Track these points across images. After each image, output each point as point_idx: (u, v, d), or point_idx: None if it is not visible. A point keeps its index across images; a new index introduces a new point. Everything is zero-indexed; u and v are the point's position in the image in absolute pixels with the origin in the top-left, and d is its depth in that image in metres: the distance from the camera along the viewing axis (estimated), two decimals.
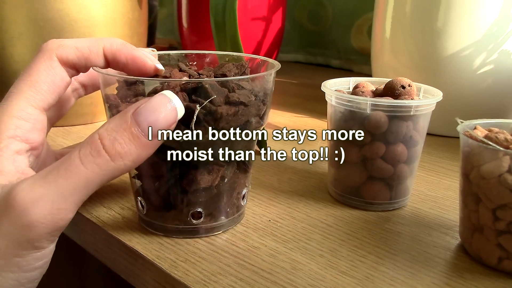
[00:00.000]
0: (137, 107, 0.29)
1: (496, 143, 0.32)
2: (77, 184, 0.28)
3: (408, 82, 0.40)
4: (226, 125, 0.32)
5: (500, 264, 0.33)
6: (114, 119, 0.29)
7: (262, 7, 0.89)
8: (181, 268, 0.33)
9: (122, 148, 0.28)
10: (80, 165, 0.28)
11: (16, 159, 0.30)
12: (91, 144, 0.28)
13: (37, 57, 0.32)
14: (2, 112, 0.31)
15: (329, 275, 0.32)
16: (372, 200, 0.41)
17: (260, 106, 0.35)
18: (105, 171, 0.28)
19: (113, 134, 0.29)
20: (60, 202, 0.27)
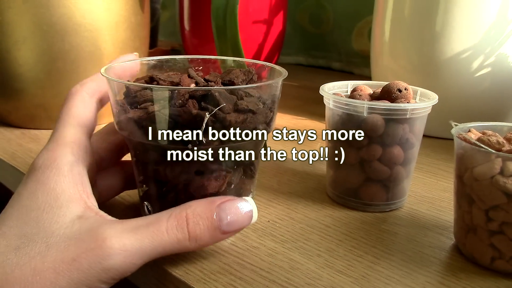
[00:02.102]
0: (223, 202, 0.32)
1: (489, 145, 0.32)
2: (156, 249, 0.30)
3: (405, 86, 0.41)
4: (236, 134, 0.33)
5: (493, 264, 0.34)
6: (201, 203, 0.32)
7: (263, 10, 0.89)
8: (182, 267, 0.34)
9: (200, 232, 0.31)
10: (165, 234, 0.30)
11: (83, 182, 0.32)
12: (178, 220, 0.31)
13: (70, 97, 0.36)
14: (55, 140, 0.33)
15: (326, 274, 0.33)
16: (370, 201, 0.42)
17: (267, 114, 0.35)
18: (180, 246, 0.31)
19: (197, 219, 0.31)
20: (138, 259, 0.29)
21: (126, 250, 0.28)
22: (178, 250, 0.31)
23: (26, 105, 0.60)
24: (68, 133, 0.33)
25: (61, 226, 0.29)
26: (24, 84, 0.58)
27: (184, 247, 0.31)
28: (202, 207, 0.32)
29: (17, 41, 0.56)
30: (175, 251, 0.31)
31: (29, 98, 0.59)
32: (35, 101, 0.59)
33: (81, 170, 0.32)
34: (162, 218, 0.30)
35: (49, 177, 0.31)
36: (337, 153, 0.41)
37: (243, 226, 0.33)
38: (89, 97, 0.36)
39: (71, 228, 0.29)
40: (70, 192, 0.31)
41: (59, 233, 0.29)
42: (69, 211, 0.30)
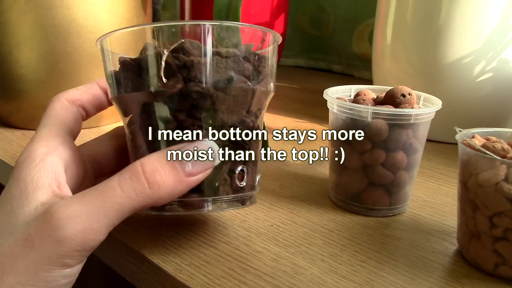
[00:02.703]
0: (181, 146, 0.31)
1: (493, 152, 0.32)
2: (111, 207, 0.29)
3: (409, 91, 0.41)
4: (200, 76, 0.31)
5: (497, 270, 0.34)
6: (157, 153, 0.31)
7: (265, 13, 0.89)
8: (186, 271, 0.33)
9: (161, 178, 0.30)
10: (117, 188, 0.29)
11: (55, 171, 0.32)
12: (131, 170, 0.30)
13: (49, 104, 0.36)
14: (32, 139, 0.33)
15: (330, 279, 0.33)
16: (372, 206, 0.42)
17: (244, 64, 0.33)
18: (140, 197, 0.29)
19: (155, 164, 0.30)
20: (93, 223, 0.28)
21: (74, 216, 0.28)
22: (141, 203, 0.29)
23: (28, 106, 0.59)
24: (44, 130, 0.34)
25: (26, 214, 0.29)
26: (26, 85, 0.58)
27: (146, 198, 0.29)
28: (157, 155, 0.31)
29: (19, 42, 0.56)
30: (138, 206, 0.29)
31: (30, 99, 0.59)
32: (36, 102, 0.59)
33: (54, 160, 0.32)
34: (113, 177, 0.30)
35: (22, 169, 0.31)
36: (337, 153, 0.41)
37: (207, 168, 0.31)
38: (68, 102, 0.36)
39: (34, 215, 0.29)
40: (39, 181, 0.31)
41: (23, 221, 0.29)
42: (35, 199, 0.30)
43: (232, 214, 0.41)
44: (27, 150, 0.33)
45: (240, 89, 0.33)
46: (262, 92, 0.35)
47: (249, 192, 0.35)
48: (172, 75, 0.31)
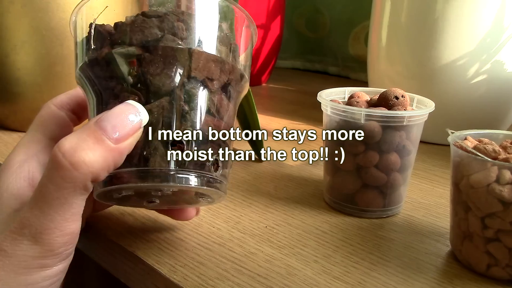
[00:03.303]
0: (100, 116, 0.29)
1: (485, 154, 0.33)
2: (55, 204, 0.27)
3: (402, 93, 0.42)
4: (124, 37, 0.30)
5: (489, 271, 0.34)
6: (76, 132, 0.28)
7: (261, 15, 0.90)
8: (180, 273, 0.34)
9: (86, 154, 0.27)
10: (48, 183, 0.27)
11: (32, 177, 0.32)
12: (52, 157, 0.27)
13: (39, 112, 0.36)
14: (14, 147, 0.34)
15: (323, 280, 0.33)
16: (366, 208, 0.42)
17: (174, 22, 0.31)
18: (71, 182, 0.27)
19: (74, 142, 0.27)
20: (49, 224, 0.28)
21: (30, 224, 0.27)
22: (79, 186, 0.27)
23: (24, 109, 0.60)
24: (26, 138, 0.34)
25: (1, 223, 0.29)
26: (22, 88, 0.58)
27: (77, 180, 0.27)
28: (77, 132, 0.28)
29: (15, 45, 0.56)
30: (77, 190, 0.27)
31: (27, 102, 0.59)
32: (33, 105, 0.59)
33: (32, 166, 0.32)
34: (44, 172, 0.28)
35: (1, 178, 0.31)
36: (337, 153, 0.41)
37: (135, 128, 0.28)
38: (56, 108, 0.35)
39: (8, 223, 0.29)
40: (13, 188, 0.31)
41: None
42: (8, 206, 0.30)
43: (227, 216, 0.42)
44: (7, 158, 0.33)
45: (169, 49, 0.30)
46: (205, 57, 0.31)
47: (195, 171, 0.30)
48: (102, 41, 0.31)
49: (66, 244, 0.29)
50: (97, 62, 0.31)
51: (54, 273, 0.29)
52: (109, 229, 0.39)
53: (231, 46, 0.34)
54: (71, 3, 0.56)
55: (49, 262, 0.29)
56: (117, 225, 0.40)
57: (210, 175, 0.31)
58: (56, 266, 0.29)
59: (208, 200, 0.34)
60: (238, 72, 0.34)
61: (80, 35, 0.33)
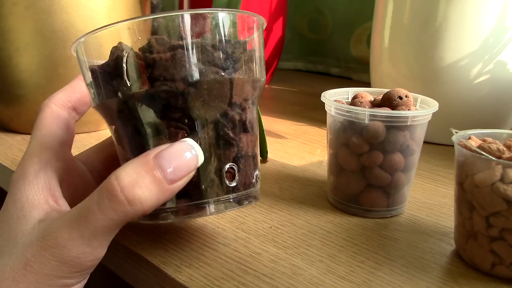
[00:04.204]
0: (159, 151, 0.29)
1: (489, 153, 0.33)
2: (97, 230, 0.28)
3: (406, 93, 0.42)
4: (165, 73, 0.29)
5: (493, 270, 0.34)
6: (133, 161, 0.28)
7: (263, 16, 0.90)
8: (186, 273, 0.34)
9: (142, 192, 0.27)
10: (98, 211, 0.27)
11: (50, 186, 0.32)
12: (108, 188, 0.27)
13: (39, 113, 0.35)
14: (24, 155, 0.33)
15: (328, 280, 0.33)
16: (370, 208, 0.42)
17: (214, 53, 0.30)
18: (123, 216, 0.28)
19: (133, 177, 0.27)
20: (85, 247, 0.28)
21: (65, 245, 0.28)
22: (126, 219, 0.28)
23: (28, 111, 0.60)
24: (36, 144, 0.33)
25: (24, 234, 0.29)
26: (26, 90, 0.58)
27: (128, 215, 0.28)
28: (135, 164, 0.28)
29: (18, 47, 0.56)
30: (123, 222, 0.28)
31: (30, 104, 0.59)
32: (36, 107, 0.58)
33: (48, 176, 0.32)
34: (92, 197, 0.28)
35: (17, 188, 0.31)
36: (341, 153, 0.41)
37: (190, 169, 0.29)
38: (58, 108, 0.35)
39: (31, 234, 0.29)
40: (34, 199, 0.31)
41: (21, 241, 0.29)
42: (32, 217, 0.30)
43: (231, 217, 0.42)
44: (20, 166, 0.33)
45: (213, 81, 0.30)
46: (244, 81, 0.32)
47: (244, 191, 0.33)
48: (138, 77, 0.29)
49: (94, 266, 0.30)
50: (134, 98, 0.30)
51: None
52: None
53: (256, 59, 0.34)
54: (74, 5, 0.56)
55: (73, 282, 0.29)
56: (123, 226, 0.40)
57: (256, 189, 0.34)
58: (78, 284, 0.30)
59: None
60: (263, 82, 0.35)
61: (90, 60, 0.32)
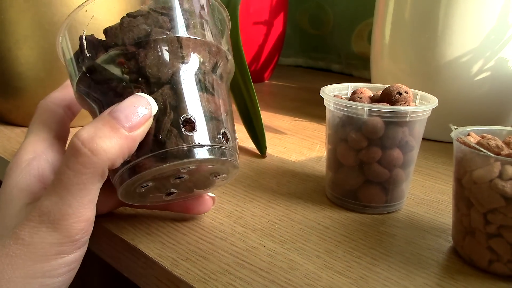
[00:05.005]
0: (112, 107, 0.30)
1: (488, 149, 0.33)
2: (74, 190, 0.29)
3: (405, 89, 0.42)
4: (116, 39, 0.32)
5: (491, 266, 0.34)
6: (91, 123, 0.30)
7: (264, 11, 0.90)
8: (182, 266, 0.34)
9: (103, 142, 0.29)
10: (67, 170, 0.28)
11: (43, 175, 0.33)
12: (71, 146, 0.29)
13: (36, 111, 0.36)
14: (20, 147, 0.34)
15: (325, 275, 0.33)
16: (368, 203, 0.42)
17: (159, 17, 0.33)
18: (90, 168, 0.28)
19: (92, 131, 0.29)
20: (67, 209, 0.29)
21: (49, 210, 0.29)
22: (97, 172, 0.29)
23: (27, 103, 0.60)
24: (30, 137, 0.35)
25: (12, 217, 0.30)
26: (25, 83, 0.58)
27: (99, 165, 0.29)
28: (92, 122, 0.30)
29: (18, 40, 0.56)
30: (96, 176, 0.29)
31: (29, 97, 0.59)
32: (35, 100, 0.58)
33: (41, 165, 0.33)
34: (62, 161, 0.29)
35: (9, 176, 0.32)
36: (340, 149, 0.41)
37: (145, 117, 0.30)
38: (54, 105, 0.36)
39: (19, 216, 0.30)
40: (23, 184, 0.32)
41: (10, 223, 0.30)
42: (20, 201, 0.31)
43: (229, 211, 0.42)
44: (15, 157, 0.33)
45: (160, 40, 0.32)
46: (193, 42, 0.33)
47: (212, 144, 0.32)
48: (96, 48, 0.32)
49: (82, 231, 0.30)
50: (94, 69, 0.33)
51: (70, 260, 0.30)
52: (111, 223, 0.39)
53: (212, 30, 0.36)
54: None
55: (66, 249, 0.30)
56: (119, 219, 0.40)
57: (223, 147, 0.33)
58: (72, 254, 0.30)
59: (223, 177, 0.36)
60: (223, 53, 0.36)
61: (69, 53, 0.35)
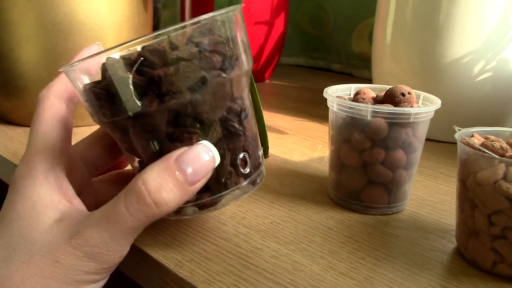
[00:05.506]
0: (179, 154, 0.30)
1: (492, 151, 0.33)
2: (126, 231, 0.29)
3: (408, 90, 0.42)
4: (172, 87, 0.29)
5: (495, 268, 0.34)
6: (156, 166, 0.30)
7: (265, 12, 0.90)
8: (187, 267, 0.34)
9: (167, 195, 0.29)
10: (127, 214, 0.29)
11: (61, 186, 0.32)
12: (135, 192, 0.29)
13: (38, 104, 0.35)
14: (28, 151, 0.33)
15: (329, 276, 0.33)
16: (372, 204, 0.42)
17: (212, 58, 0.31)
18: (150, 218, 0.30)
19: (158, 181, 0.29)
20: (114, 246, 0.30)
21: (96, 244, 0.29)
22: (153, 220, 0.30)
23: (29, 103, 0.60)
24: (39, 141, 0.33)
25: (41, 232, 0.30)
26: (27, 83, 0.58)
27: (153, 216, 0.30)
28: (158, 168, 0.30)
29: (20, 39, 0.56)
30: (149, 222, 0.30)
31: (31, 97, 0.59)
32: None
33: (57, 175, 0.32)
34: (120, 200, 0.30)
35: (26, 187, 0.31)
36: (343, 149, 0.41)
37: (209, 171, 0.31)
38: (57, 100, 0.35)
39: (50, 233, 0.30)
40: (47, 199, 0.31)
41: (40, 240, 0.30)
42: (47, 216, 0.31)
43: (232, 212, 0.42)
44: (25, 164, 0.32)
45: (216, 84, 0.31)
46: (240, 75, 0.33)
47: (256, 173, 0.35)
48: (144, 93, 0.30)
49: (118, 263, 0.31)
50: (144, 115, 0.30)
51: (99, 285, 0.31)
52: None
53: (246, 50, 0.35)
54: None
55: (100, 277, 0.30)
56: None
57: (263, 168, 0.36)
58: (102, 280, 0.31)
59: None
60: (251, 66, 0.36)
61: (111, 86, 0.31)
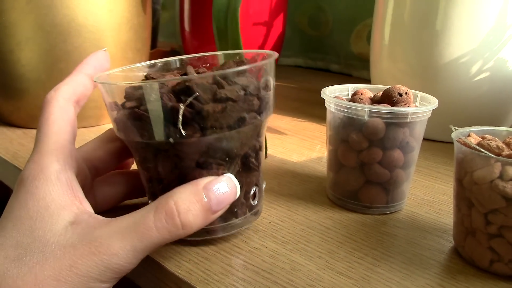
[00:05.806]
0: (207, 182, 0.32)
1: (488, 150, 0.33)
2: (148, 245, 0.30)
3: (405, 90, 0.42)
4: (216, 123, 0.32)
5: (492, 267, 0.34)
6: (186, 189, 0.32)
7: (264, 12, 0.90)
8: (185, 267, 0.34)
9: (193, 219, 0.31)
10: (154, 229, 0.30)
11: (73, 188, 0.32)
12: (166, 210, 0.31)
13: (46, 105, 0.35)
14: (38, 151, 0.33)
15: (327, 275, 0.33)
16: (369, 204, 0.42)
17: (253, 101, 0.34)
18: (173, 237, 0.31)
19: (187, 204, 0.31)
20: (133, 259, 0.30)
21: (116, 253, 0.29)
22: (170, 240, 0.31)
23: (28, 105, 0.60)
24: (50, 142, 0.33)
25: (55, 234, 0.30)
26: (27, 85, 0.58)
27: (176, 237, 0.31)
28: (188, 192, 0.32)
29: (20, 41, 0.56)
30: (169, 241, 0.31)
31: (31, 99, 0.59)
32: (37, 101, 0.59)
33: (69, 176, 0.33)
34: (149, 214, 0.31)
35: (38, 187, 0.31)
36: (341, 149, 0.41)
37: (230, 201, 0.33)
38: (65, 101, 0.35)
39: (65, 235, 0.30)
40: (60, 200, 0.31)
41: (54, 241, 0.29)
42: (61, 218, 0.30)
43: None
44: (35, 163, 0.32)
45: (252, 125, 0.34)
46: (267, 117, 0.36)
47: (260, 204, 0.39)
48: (187, 124, 0.31)
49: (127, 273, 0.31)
50: (184, 143, 0.32)
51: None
52: None
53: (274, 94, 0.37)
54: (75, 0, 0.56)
55: (108, 286, 0.30)
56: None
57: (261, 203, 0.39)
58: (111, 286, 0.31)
59: None
60: None
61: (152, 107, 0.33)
